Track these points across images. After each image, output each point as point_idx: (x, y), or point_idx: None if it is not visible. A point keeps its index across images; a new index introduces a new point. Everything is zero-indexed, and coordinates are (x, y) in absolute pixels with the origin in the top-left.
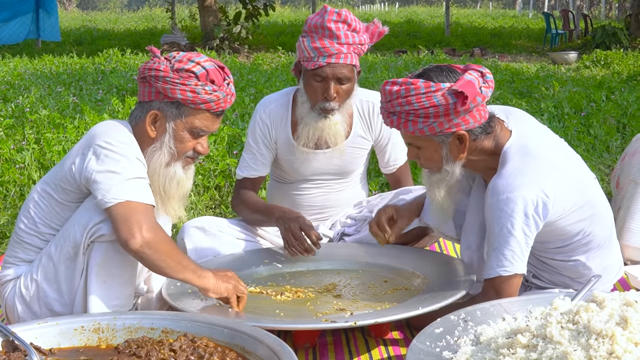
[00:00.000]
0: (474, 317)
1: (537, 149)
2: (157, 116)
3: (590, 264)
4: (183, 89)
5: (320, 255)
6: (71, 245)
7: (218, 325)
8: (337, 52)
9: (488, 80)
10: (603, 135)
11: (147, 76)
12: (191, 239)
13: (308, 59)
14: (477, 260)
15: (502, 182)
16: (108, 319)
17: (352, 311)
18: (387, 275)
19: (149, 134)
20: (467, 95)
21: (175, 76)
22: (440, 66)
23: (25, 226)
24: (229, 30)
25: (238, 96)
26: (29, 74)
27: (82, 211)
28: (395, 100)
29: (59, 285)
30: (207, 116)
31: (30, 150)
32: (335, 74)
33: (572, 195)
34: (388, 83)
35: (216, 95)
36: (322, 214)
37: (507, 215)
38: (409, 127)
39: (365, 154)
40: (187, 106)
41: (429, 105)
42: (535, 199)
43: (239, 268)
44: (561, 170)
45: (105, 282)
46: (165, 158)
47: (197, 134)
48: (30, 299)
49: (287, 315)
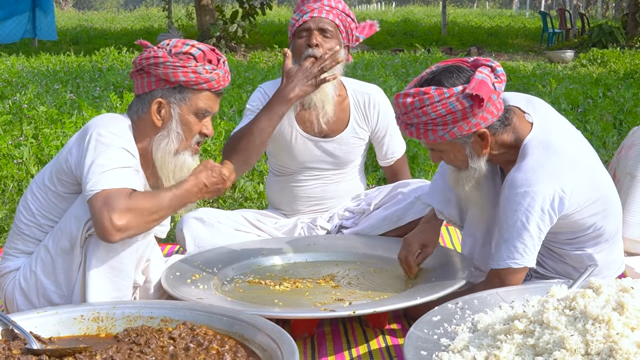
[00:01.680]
0: (471, 306)
1: (557, 143)
2: (162, 104)
3: (596, 257)
4: (185, 71)
5: (318, 247)
6: (67, 239)
7: (217, 313)
8: (318, 7)
9: (499, 74)
10: (600, 131)
11: (146, 66)
12: (190, 230)
13: (293, 24)
14: (480, 248)
15: (521, 176)
16: (107, 308)
17: (351, 301)
18: (385, 266)
19: (156, 123)
20: (482, 97)
21: (175, 60)
22: (448, 67)
23: (24, 218)
24: (226, 29)
25: (235, 93)
26: (26, 72)
27: (77, 204)
28: (411, 112)
29: (57, 278)
30: (209, 96)
31: (28, 146)
32: (317, 25)
33: (587, 190)
34: (400, 96)
35: (216, 74)
36: (320, 205)
37: (523, 209)
38: (429, 137)
39: (363, 144)
40: (189, 89)
41: (445, 112)
42: (552, 195)
43: (237, 259)
44: (579, 165)
45: (104, 275)
46: (174, 145)
47: (203, 116)
48: (29, 290)
49: (285, 305)
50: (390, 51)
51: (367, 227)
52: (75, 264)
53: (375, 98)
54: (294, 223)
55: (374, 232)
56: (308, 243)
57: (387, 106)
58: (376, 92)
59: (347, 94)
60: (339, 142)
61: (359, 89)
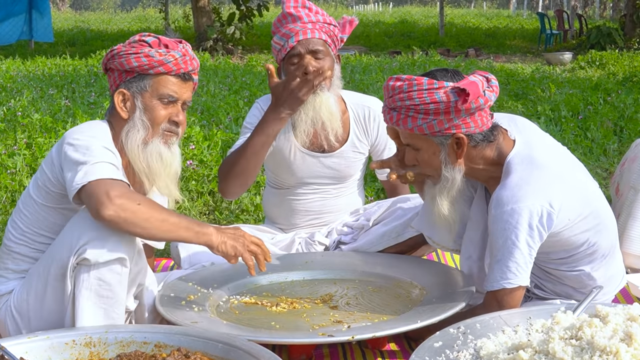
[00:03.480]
0: (473, 330)
1: (541, 158)
2: (125, 95)
3: (594, 274)
4: (137, 56)
5: (316, 265)
6: (58, 266)
7: (212, 339)
8: (302, 29)
9: (493, 85)
10: (600, 138)
11: (107, 63)
12: (185, 247)
13: (279, 50)
14: (478, 270)
15: (507, 193)
16: (100, 333)
17: (349, 323)
18: (384, 285)
19: (122, 116)
20: (468, 92)
21: (127, 48)
22: (446, 68)
23: (13, 236)
24: (223, 31)
25: (232, 100)
26: (21, 77)
27: (67, 231)
28: (397, 95)
29: (49, 306)
30: (170, 80)
31: (21, 155)
32: (308, 48)
33: (577, 206)
34: (392, 79)
35: (171, 55)
36: (319, 219)
37: (511, 226)
38: (408, 124)
39: (362, 158)
40: (147, 75)
41: (430, 101)
42: (540, 210)
43: (233, 278)
44: (566, 180)
45: (94, 303)
46: (141, 134)
47: (168, 102)
48: (20, 318)
49: (283, 328)
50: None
51: (366, 243)
52: (67, 293)
53: (375, 111)
54: (291, 238)
55: (373, 248)
56: (306, 260)
57: None
58: (376, 104)
59: (347, 108)
60: (338, 156)
61: (358, 101)
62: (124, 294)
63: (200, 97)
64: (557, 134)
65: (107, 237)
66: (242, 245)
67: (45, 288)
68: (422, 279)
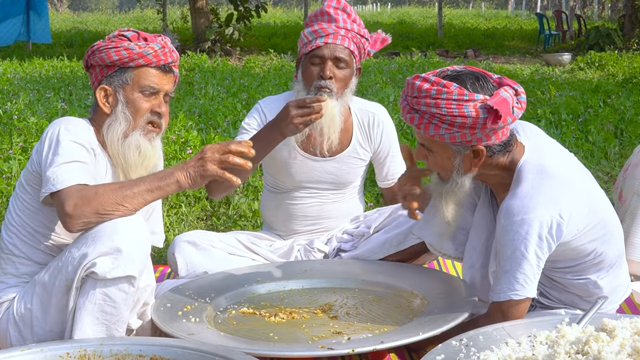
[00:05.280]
0: (476, 342)
1: (551, 167)
2: (107, 90)
3: (600, 283)
4: (117, 50)
5: (315, 273)
6: (64, 279)
7: (209, 352)
8: (334, 32)
9: (521, 100)
10: (601, 142)
11: (88, 59)
12: (182, 254)
13: (306, 43)
14: (480, 279)
15: (517, 203)
16: (95, 345)
17: (350, 335)
18: (384, 294)
19: (105, 111)
20: (501, 115)
21: (107, 42)
22: (475, 73)
23: (8, 239)
24: (221, 32)
25: (229, 103)
26: (18, 79)
27: (78, 243)
28: (422, 98)
29: (52, 317)
30: (151, 72)
31: (17, 160)
32: (332, 54)
33: (585, 215)
34: (419, 78)
35: (151, 47)
36: (317, 225)
37: (521, 237)
38: (429, 130)
39: (363, 165)
40: (128, 68)
41: (458, 114)
42: (549, 221)
43: (230, 287)
44: (575, 189)
45: (96, 318)
46: (122, 127)
47: (150, 92)
48: (23, 326)
49: (281, 339)
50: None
51: (366, 251)
52: (71, 306)
53: (379, 117)
54: (290, 245)
55: (373, 256)
56: (305, 269)
57: (391, 126)
58: (380, 111)
59: (351, 113)
60: (339, 161)
61: (363, 107)
62: (127, 312)
63: (198, 100)
64: (558, 137)
65: (118, 254)
66: (210, 165)
67: (50, 298)
68: (424, 288)
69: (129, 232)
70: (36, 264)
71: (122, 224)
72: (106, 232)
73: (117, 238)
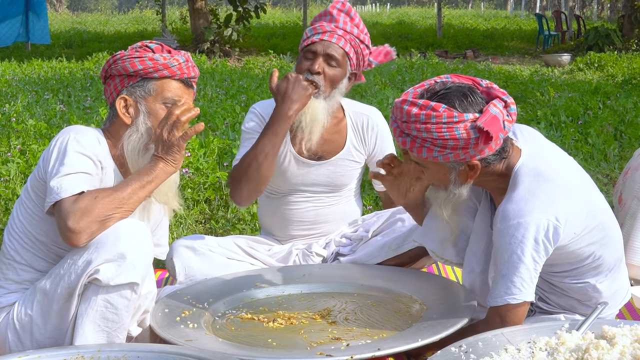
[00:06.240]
0: (475, 349)
1: (548, 170)
2: (127, 100)
3: (600, 287)
4: (141, 59)
5: (314, 278)
6: (66, 286)
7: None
8: (331, 30)
9: (512, 112)
10: (601, 144)
11: (108, 69)
12: (180, 259)
13: (304, 39)
14: (480, 284)
15: (513, 207)
16: (92, 352)
17: (348, 341)
18: (383, 299)
19: (125, 121)
20: (491, 135)
21: (131, 52)
22: (462, 88)
23: (10, 245)
24: (220, 33)
25: (229, 105)
26: (16, 80)
27: (79, 251)
28: (412, 123)
29: (53, 323)
30: (174, 84)
31: (15, 162)
32: (325, 50)
33: (583, 219)
34: (406, 102)
35: (175, 59)
36: (314, 230)
37: (517, 241)
38: (422, 153)
39: (358, 168)
40: (151, 79)
41: (449, 137)
42: (546, 224)
43: (229, 292)
44: (572, 192)
45: (97, 325)
46: (144, 139)
47: (171, 105)
48: (23, 332)
49: (280, 345)
50: None
51: (365, 255)
52: (72, 312)
53: (374, 120)
54: (288, 250)
55: (372, 260)
56: (303, 273)
57: (386, 129)
58: (375, 114)
59: (345, 115)
60: (333, 164)
61: (357, 110)
62: (129, 320)
63: (197, 102)
64: (558, 139)
65: (122, 261)
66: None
67: (51, 305)
68: (423, 293)
69: (133, 239)
70: (38, 271)
71: (125, 230)
72: (109, 239)
73: (121, 245)
